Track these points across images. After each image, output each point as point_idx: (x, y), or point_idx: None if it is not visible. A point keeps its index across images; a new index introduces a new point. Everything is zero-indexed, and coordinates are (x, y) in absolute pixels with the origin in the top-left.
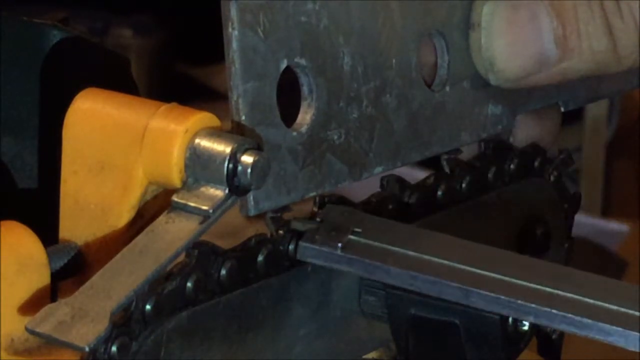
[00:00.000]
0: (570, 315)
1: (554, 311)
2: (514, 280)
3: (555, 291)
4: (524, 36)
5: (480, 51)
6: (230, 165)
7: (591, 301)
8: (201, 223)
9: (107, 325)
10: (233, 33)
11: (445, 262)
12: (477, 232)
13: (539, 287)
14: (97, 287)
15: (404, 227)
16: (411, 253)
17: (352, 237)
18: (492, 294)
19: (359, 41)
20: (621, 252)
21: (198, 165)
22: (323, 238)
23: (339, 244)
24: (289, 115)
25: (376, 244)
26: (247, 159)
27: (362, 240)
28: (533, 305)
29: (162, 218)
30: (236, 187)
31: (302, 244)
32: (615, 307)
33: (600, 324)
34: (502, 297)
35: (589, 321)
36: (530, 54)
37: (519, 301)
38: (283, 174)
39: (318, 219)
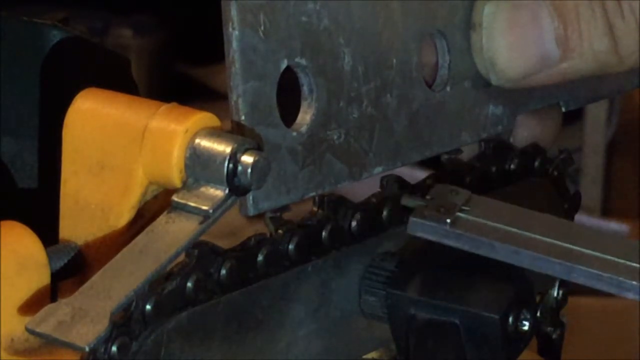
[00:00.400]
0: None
1: None
2: (614, 259)
3: None
4: (525, 36)
5: (481, 51)
6: (230, 165)
7: None
8: (201, 223)
9: (107, 325)
10: (233, 33)
11: (547, 239)
12: None
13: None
14: (97, 287)
15: (507, 206)
16: (514, 230)
17: (459, 214)
18: (594, 271)
19: (359, 41)
20: None
21: (198, 165)
22: (432, 214)
23: (448, 220)
24: (289, 115)
25: (482, 221)
26: (247, 159)
27: (469, 217)
28: (634, 283)
29: (162, 218)
30: (236, 187)
31: (412, 219)
32: None
33: None
34: (604, 273)
35: None
36: (531, 54)
37: (621, 278)
38: (283, 174)
39: (428, 197)
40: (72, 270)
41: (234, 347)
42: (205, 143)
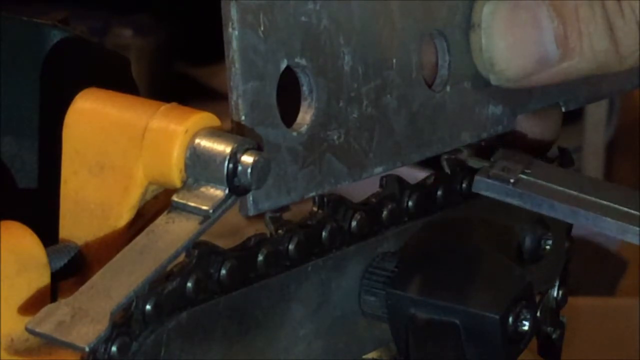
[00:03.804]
0: None
1: None
2: None
3: None
4: (525, 36)
5: (480, 51)
6: (230, 165)
7: None
8: (201, 223)
9: (107, 325)
10: (233, 33)
11: (603, 201)
12: (477, 231)
13: None
14: (97, 287)
15: (567, 171)
16: (573, 192)
17: (521, 175)
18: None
19: (359, 41)
20: (621, 252)
21: (198, 165)
22: (497, 174)
23: (511, 180)
24: (289, 115)
25: (543, 182)
26: (247, 159)
27: (531, 179)
28: None
29: (162, 218)
30: (236, 187)
31: (477, 177)
32: None
33: None
34: None
35: None
36: (531, 54)
37: None
38: (283, 174)
39: (492, 159)
40: (72, 270)
41: (234, 347)
42: (205, 143)
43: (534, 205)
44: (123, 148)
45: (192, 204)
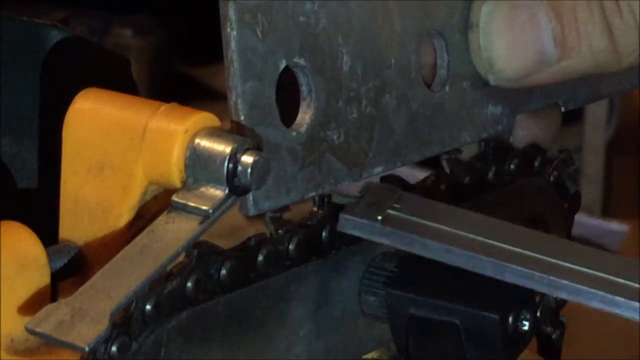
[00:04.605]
0: (600, 292)
1: (585, 288)
2: (547, 258)
3: (584, 269)
4: (523, 36)
5: (479, 51)
6: (230, 165)
7: (612, 278)
8: (201, 223)
9: (107, 325)
10: (231, 33)
11: (480, 238)
12: None
13: (571, 265)
14: (97, 287)
15: (439, 205)
16: (447, 229)
17: (390, 211)
18: (526, 270)
19: (358, 41)
20: (621, 252)
21: (198, 165)
22: (363, 211)
23: (379, 217)
24: (288, 115)
25: (414, 219)
26: (247, 159)
27: (401, 215)
28: (565, 282)
29: (162, 218)
30: (236, 187)
31: (342, 215)
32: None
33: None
34: (536, 273)
35: (616, 297)
36: (529, 53)
37: (552, 277)
38: (283, 174)
39: (358, 194)
40: (72, 270)
41: (234, 347)
42: (205, 143)
43: (405, 245)
44: (123, 148)
45: (192, 204)
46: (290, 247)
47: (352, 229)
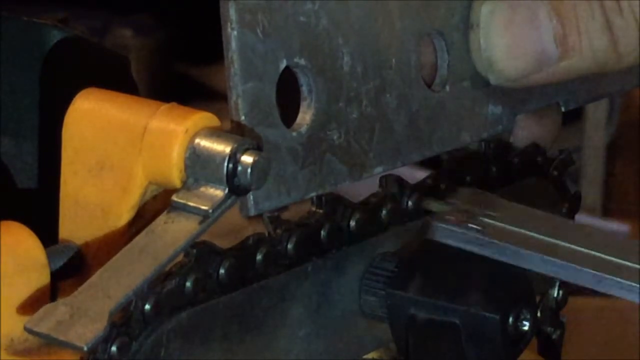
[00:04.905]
0: None
1: None
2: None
3: None
4: (524, 36)
5: (479, 51)
6: (230, 165)
7: None
8: (201, 223)
9: (106, 325)
10: (232, 33)
11: (579, 248)
12: None
13: None
14: (96, 286)
15: (535, 212)
16: (549, 239)
17: (485, 219)
18: (625, 281)
19: (358, 41)
20: None
21: (198, 165)
22: (458, 220)
23: (477, 227)
24: (289, 115)
25: (510, 227)
26: (247, 159)
27: (497, 223)
28: None
29: (162, 218)
30: (236, 187)
31: (437, 224)
32: None
33: None
34: (634, 284)
35: None
36: (529, 53)
37: None
38: (283, 174)
39: (451, 201)
40: (72, 270)
41: (234, 347)
42: (205, 143)
43: (503, 256)
44: (123, 148)
45: (192, 204)
46: (289, 246)
47: (448, 238)
